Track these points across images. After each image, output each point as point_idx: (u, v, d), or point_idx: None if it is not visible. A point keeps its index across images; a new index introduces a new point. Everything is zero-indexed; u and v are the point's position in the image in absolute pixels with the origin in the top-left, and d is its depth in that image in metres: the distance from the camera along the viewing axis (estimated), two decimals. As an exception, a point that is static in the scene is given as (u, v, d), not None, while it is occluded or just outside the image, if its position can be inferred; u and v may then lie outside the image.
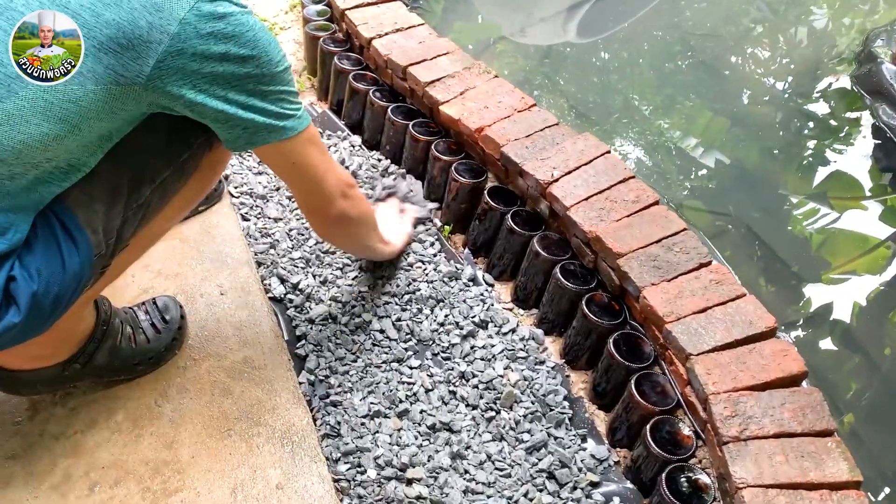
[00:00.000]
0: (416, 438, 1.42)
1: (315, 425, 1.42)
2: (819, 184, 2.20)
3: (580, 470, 1.39)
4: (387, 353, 1.56)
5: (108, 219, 1.08)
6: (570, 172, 1.66)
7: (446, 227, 1.83)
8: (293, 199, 1.87)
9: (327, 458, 1.37)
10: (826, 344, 1.78)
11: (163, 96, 1.00)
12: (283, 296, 1.65)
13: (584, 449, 1.43)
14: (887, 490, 1.47)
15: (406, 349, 1.57)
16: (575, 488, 1.37)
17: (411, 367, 1.54)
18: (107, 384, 1.41)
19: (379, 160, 1.99)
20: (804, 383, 1.34)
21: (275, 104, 1.09)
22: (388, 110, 1.94)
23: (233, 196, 1.85)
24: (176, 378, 1.44)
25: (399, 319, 1.61)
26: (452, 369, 1.54)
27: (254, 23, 1.04)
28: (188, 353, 1.48)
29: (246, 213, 1.83)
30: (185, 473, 1.31)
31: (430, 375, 1.53)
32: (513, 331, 1.62)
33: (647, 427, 1.31)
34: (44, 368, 1.30)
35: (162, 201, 1.18)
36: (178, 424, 1.37)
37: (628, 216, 1.57)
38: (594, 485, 1.38)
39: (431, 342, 1.58)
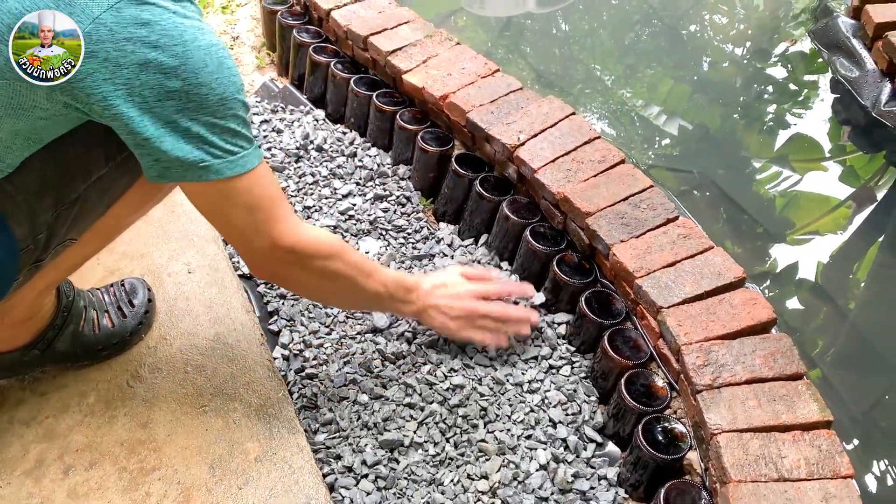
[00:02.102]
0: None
1: (292, 399, 1.41)
2: (780, 147, 2.23)
3: (558, 427, 1.41)
4: (361, 324, 1.55)
5: (35, 212, 1.02)
6: (535, 135, 1.66)
7: (423, 199, 1.83)
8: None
9: (306, 430, 1.37)
10: (793, 302, 1.82)
11: (75, 100, 0.91)
12: (252, 272, 1.63)
13: (561, 407, 1.44)
14: (856, 430, 1.50)
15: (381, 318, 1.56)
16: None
17: (387, 338, 1.53)
18: (76, 367, 1.39)
19: (344, 133, 1.97)
20: (773, 330, 1.36)
21: (201, 135, 0.96)
22: (351, 82, 1.92)
23: (196, 175, 1.82)
24: (147, 358, 1.42)
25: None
26: (432, 335, 1.53)
27: (190, 36, 0.92)
28: (158, 332, 1.46)
29: (211, 192, 1.80)
30: (162, 452, 1.29)
31: (409, 342, 1.52)
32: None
33: (622, 381, 1.32)
34: (1, 354, 1.27)
35: (103, 198, 1.11)
36: (151, 404, 1.36)
37: (595, 176, 1.58)
38: (572, 441, 1.39)
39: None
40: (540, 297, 1.55)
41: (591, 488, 1.32)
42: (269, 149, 1.91)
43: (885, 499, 1.41)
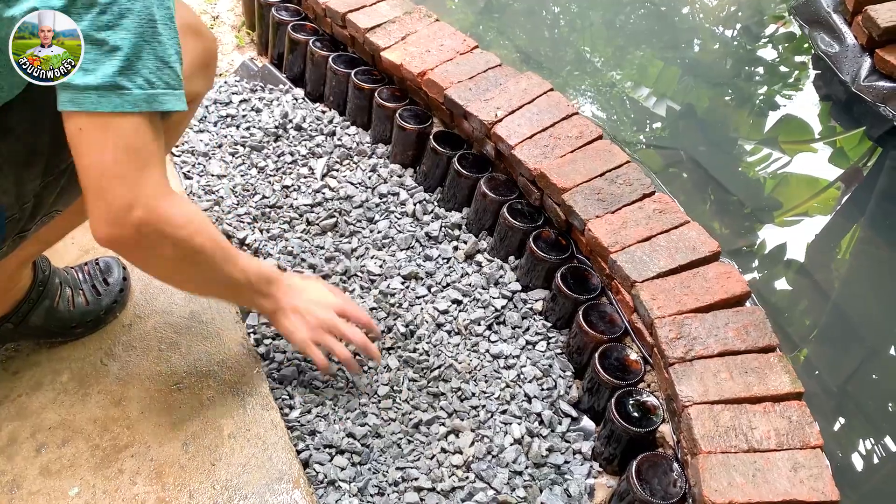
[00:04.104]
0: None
1: (266, 376, 1.41)
2: (770, 129, 2.22)
3: (533, 403, 1.41)
4: (339, 302, 1.55)
5: (22, 181, 1.02)
6: (513, 112, 1.65)
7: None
8: (236, 156, 1.84)
9: (280, 407, 1.36)
10: (782, 281, 1.82)
11: None
12: (230, 251, 1.62)
13: (537, 382, 1.44)
14: (830, 402, 1.51)
15: (360, 296, 1.55)
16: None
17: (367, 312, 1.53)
18: (50, 345, 1.38)
19: (323, 112, 1.96)
20: (748, 303, 1.36)
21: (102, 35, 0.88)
22: (330, 60, 1.90)
23: (174, 155, 1.81)
24: (122, 336, 1.42)
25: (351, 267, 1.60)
26: (409, 309, 1.53)
27: None
28: (133, 310, 1.46)
29: (188, 172, 1.79)
30: (135, 429, 1.29)
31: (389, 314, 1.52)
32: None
33: (596, 355, 1.32)
34: None
35: None
36: (125, 381, 1.35)
37: (572, 152, 1.57)
38: (548, 416, 1.39)
39: (388, 287, 1.57)
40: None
41: (566, 462, 1.32)
42: (247, 128, 1.90)
43: (857, 467, 1.41)
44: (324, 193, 1.74)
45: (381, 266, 1.60)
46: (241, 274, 1.17)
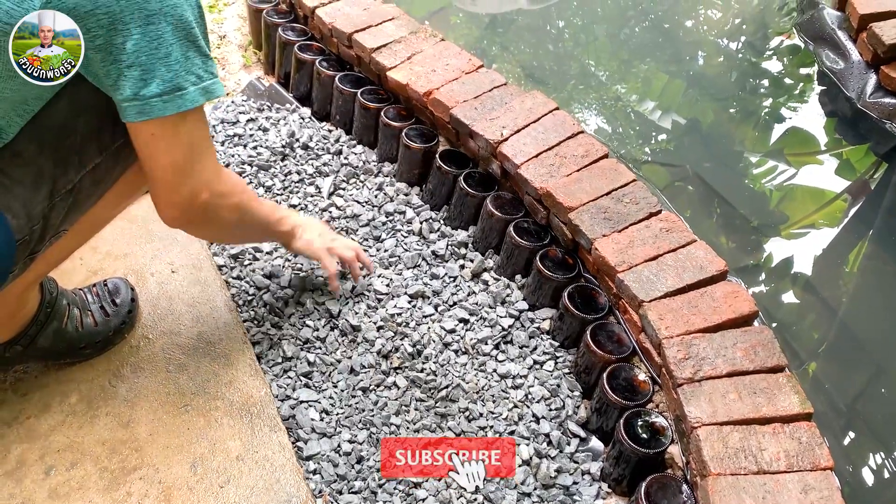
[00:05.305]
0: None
1: (273, 397, 1.41)
2: (776, 141, 2.22)
3: (541, 423, 1.40)
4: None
5: (30, 203, 1.03)
6: (519, 131, 1.66)
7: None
8: (244, 175, 1.85)
9: (288, 429, 1.37)
10: (788, 296, 1.81)
11: None
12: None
13: (545, 402, 1.44)
14: (840, 421, 1.50)
15: (367, 314, 1.55)
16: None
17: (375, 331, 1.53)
18: (58, 367, 1.39)
19: (330, 130, 1.97)
20: (756, 322, 1.36)
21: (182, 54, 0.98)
22: (336, 79, 1.92)
23: (182, 174, 1.82)
24: (130, 358, 1.42)
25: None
26: (416, 329, 1.53)
27: None
28: (141, 332, 1.46)
29: (196, 191, 1.79)
30: (143, 451, 1.29)
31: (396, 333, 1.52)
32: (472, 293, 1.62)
33: (604, 375, 1.32)
34: None
35: (97, 187, 1.12)
36: (133, 403, 1.35)
37: (578, 171, 1.57)
38: (556, 437, 1.39)
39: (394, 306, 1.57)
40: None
41: (575, 483, 1.32)
42: (255, 147, 1.91)
43: (867, 486, 1.40)
44: (331, 212, 1.75)
45: (387, 285, 1.60)
46: (270, 213, 1.35)
